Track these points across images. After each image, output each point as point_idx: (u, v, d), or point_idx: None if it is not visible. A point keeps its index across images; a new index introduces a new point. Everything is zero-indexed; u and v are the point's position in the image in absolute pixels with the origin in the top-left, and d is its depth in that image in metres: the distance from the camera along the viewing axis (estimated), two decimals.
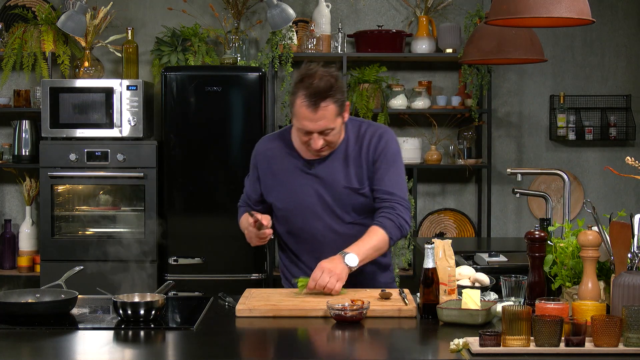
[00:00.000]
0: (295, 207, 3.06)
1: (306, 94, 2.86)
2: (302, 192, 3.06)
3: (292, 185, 3.07)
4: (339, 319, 2.61)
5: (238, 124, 5.20)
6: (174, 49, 5.57)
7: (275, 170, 3.11)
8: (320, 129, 2.91)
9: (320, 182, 3.05)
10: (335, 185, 3.03)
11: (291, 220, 3.11)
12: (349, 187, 3.03)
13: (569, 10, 2.88)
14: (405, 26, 5.94)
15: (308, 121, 2.89)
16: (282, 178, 3.09)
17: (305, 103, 2.87)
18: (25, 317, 2.63)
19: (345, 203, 3.04)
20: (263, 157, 3.16)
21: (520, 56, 4.21)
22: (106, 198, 5.44)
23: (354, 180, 3.03)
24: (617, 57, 6.01)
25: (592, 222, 2.68)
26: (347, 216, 3.05)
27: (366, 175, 3.04)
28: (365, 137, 3.06)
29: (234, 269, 5.16)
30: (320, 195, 3.04)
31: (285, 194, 3.08)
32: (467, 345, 2.28)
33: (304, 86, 2.87)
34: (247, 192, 3.24)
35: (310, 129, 2.91)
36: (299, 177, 3.07)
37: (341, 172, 3.04)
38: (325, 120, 2.89)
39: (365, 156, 3.04)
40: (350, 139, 3.07)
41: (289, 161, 3.09)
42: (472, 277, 2.94)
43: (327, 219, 3.05)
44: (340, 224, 3.05)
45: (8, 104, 5.67)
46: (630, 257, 2.48)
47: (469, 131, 5.89)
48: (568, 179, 3.83)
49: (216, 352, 2.41)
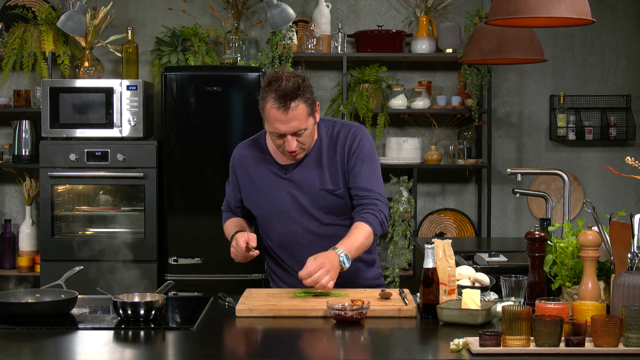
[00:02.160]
0: (273, 212, 3.07)
1: (275, 96, 2.85)
2: (279, 197, 3.06)
3: (268, 191, 3.08)
4: (339, 319, 2.61)
5: (238, 124, 5.20)
6: (174, 49, 5.57)
7: (252, 176, 3.12)
8: (293, 130, 2.90)
9: (296, 186, 3.05)
10: (311, 188, 3.03)
11: (270, 226, 3.12)
12: (324, 189, 3.03)
13: (569, 10, 2.88)
14: (405, 26, 5.94)
15: (280, 123, 2.88)
16: (258, 184, 3.11)
17: (276, 105, 2.85)
18: (25, 317, 2.63)
19: (322, 205, 3.04)
20: (239, 163, 3.18)
21: (520, 56, 4.21)
22: (106, 198, 5.43)
23: (330, 181, 3.03)
24: (617, 57, 6.01)
25: (592, 222, 2.68)
26: (325, 218, 3.05)
27: (341, 175, 3.04)
28: (339, 137, 3.06)
29: (234, 269, 5.14)
30: (297, 199, 3.04)
31: (262, 200, 3.10)
32: (467, 345, 2.28)
33: (272, 89, 2.86)
34: (227, 198, 3.26)
35: (283, 131, 2.90)
36: (274, 183, 3.07)
37: (316, 174, 3.04)
38: (297, 121, 2.88)
39: (340, 156, 3.04)
40: (324, 140, 3.07)
41: (264, 167, 3.10)
42: (472, 277, 2.94)
43: (305, 222, 3.05)
44: (318, 226, 3.05)
45: (8, 104, 5.67)
46: (630, 257, 2.48)
47: (469, 131, 5.89)
48: (568, 179, 3.83)
49: (216, 352, 2.41)
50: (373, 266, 3.21)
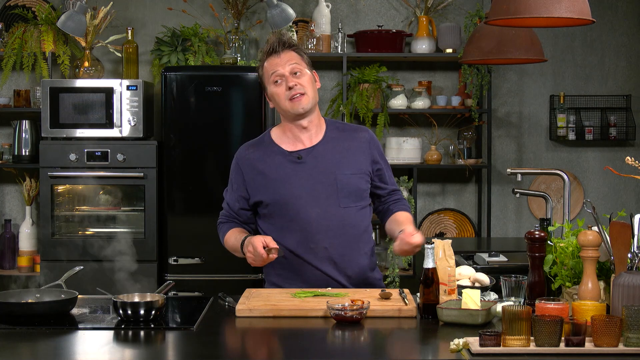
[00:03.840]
0: (287, 198, 3.07)
1: (268, 49, 3.12)
2: (293, 182, 3.08)
3: (282, 178, 3.09)
4: (339, 319, 2.61)
5: (238, 124, 5.20)
6: (174, 49, 5.57)
7: (261, 169, 3.13)
8: (290, 68, 3.08)
9: (312, 170, 3.08)
10: (327, 172, 3.08)
11: (282, 214, 3.09)
12: (341, 171, 3.08)
13: (569, 10, 2.88)
14: (405, 26, 5.94)
15: (277, 65, 3.09)
16: (270, 174, 3.11)
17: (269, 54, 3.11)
18: (25, 317, 2.63)
19: (340, 187, 3.07)
20: (246, 161, 3.18)
21: (520, 56, 4.21)
22: (106, 198, 5.43)
23: (347, 164, 3.10)
24: (617, 57, 6.01)
25: (592, 222, 2.68)
26: (343, 201, 3.08)
27: (362, 162, 3.13)
28: (359, 131, 3.20)
29: (234, 269, 5.15)
30: (313, 183, 3.07)
31: (275, 187, 3.09)
32: (467, 345, 2.28)
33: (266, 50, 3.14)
34: (228, 203, 3.24)
35: (280, 71, 3.07)
36: (288, 169, 3.10)
37: (332, 157, 3.10)
38: (291, 60, 3.09)
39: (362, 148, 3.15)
40: (335, 131, 3.18)
41: (275, 157, 3.13)
42: (472, 277, 2.94)
43: (321, 206, 3.06)
44: (335, 209, 3.07)
45: (8, 104, 5.67)
46: (630, 257, 2.48)
47: (469, 131, 5.89)
48: (568, 179, 3.83)
49: (216, 352, 2.41)
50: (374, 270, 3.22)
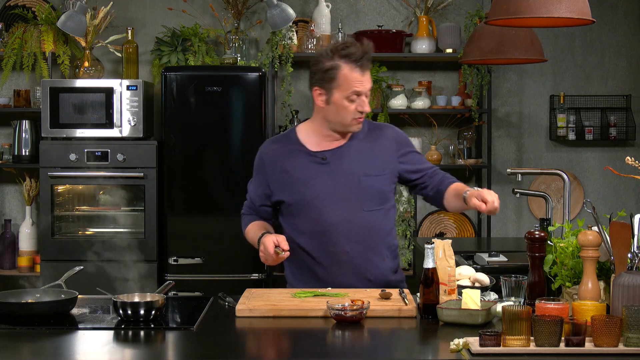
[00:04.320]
0: (309, 199, 3.06)
1: (353, 59, 3.00)
2: (317, 183, 3.06)
3: (304, 178, 3.08)
4: (339, 319, 2.61)
5: (238, 124, 5.20)
6: (174, 49, 5.57)
7: (285, 167, 3.11)
8: (368, 89, 3.05)
9: (336, 172, 3.07)
10: (351, 174, 3.06)
11: (304, 214, 3.08)
12: (366, 173, 3.07)
13: (569, 10, 2.88)
14: (405, 26, 5.94)
15: (358, 83, 3.01)
16: (293, 173, 3.09)
17: (354, 66, 3.00)
18: (25, 317, 2.63)
19: (364, 190, 3.06)
20: (270, 157, 3.17)
21: (520, 56, 4.21)
22: (106, 198, 5.43)
23: (372, 166, 3.08)
24: (617, 57, 6.01)
25: (592, 222, 2.68)
26: (366, 204, 3.06)
27: (386, 163, 3.11)
28: (383, 129, 3.19)
29: (234, 269, 5.16)
30: (336, 185, 3.06)
31: (298, 187, 3.08)
32: (467, 345, 2.28)
33: (348, 53, 3.00)
34: (250, 197, 3.23)
35: (360, 89, 3.01)
36: (312, 170, 3.08)
37: (357, 160, 3.08)
38: (369, 80, 3.05)
39: (387, 146, 3.13)
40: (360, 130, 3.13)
41: (298, 156, 3.11)
42: (472, 277, 2.94)
43: (344, 208, 3.05)
44: (358, 211, 3.05)
45: (8, 104, 5.67)
46: (630, 257, 2.48)
47: (469, 131, 5.89)
48: (568, 179, 3.83)
49: (216, 352, 2.41)
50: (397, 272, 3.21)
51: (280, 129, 5.68)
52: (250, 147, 5.16)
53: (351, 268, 3.06)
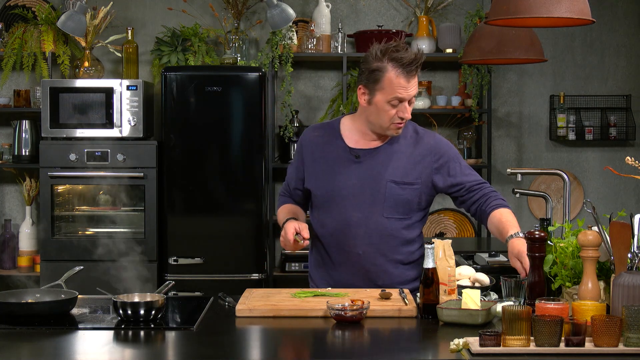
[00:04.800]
0: (333, 194, 3.05)
1: (401, 64, 2.95)
2: (343, 179, 3.05)
3: (333, 172, 3.07)
4: (339, 319, 2.61)
5: (238, 123, 5.20)
6: (174, 49, 5.57)
7: (319, 156, 3.11)
8: (412, 96, 2.99)
9: (365, 172, 3.04)
10: (379, 177, 3.03)
11: (327, 209, 3.08)
12: (393, 180, 3.02)
13: (569, 10, 2.88)
14: (405, 26, 5.94)
15: (402, 89, 2.95)
16: (324, 164, 3.09)
17: (401, 72, 2.95)
18: (25, 317, 2.63)
19: (386, 196, 3.02)
20: (308, 142, 3.17)
21: (520, 56, 4.21)
22: (106, 198, 5.43)
23: (402, 174, 3.03)
24: (617, 57, 6.01)
25: (592, 222, 2.68)
26: (386, 210, 3.03)
27: (420, 174, 3.05)
28: (425, 138, 3.11)
29: (234, 269, 5.16)
30: (362, 185, 3.03)
31: (325, 180, 3.08)
32: (467, 345, 2.28)
33: (397, 57, 2.96)
34: (287, 179, 3.26)
35: (403, 96, 2.96)
36: (342, 165, 3.06)
37: (388, 164, 3.04)
38: (415, 87, 2.99)
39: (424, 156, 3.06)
40: (401, 134, 3.08)
41: (333, 148, 3.10)
42: (472, 277, 2.94)
43: (364, 211, 3.03)
44: (377, 217, 3.02)
45: (8, 104, 5.67)
46: (630, 257, 2.48)
47: (469, 131, 5.89)
48: (568, 179, 3.83)
49: (216, 352, 2.41)
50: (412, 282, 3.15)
51: (280, 129, 5.68)
52: (250, 147, 5.17)
53: (362, 271, 3.05)
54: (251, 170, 5.19)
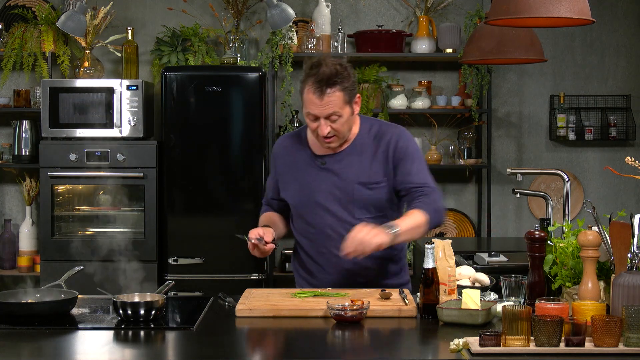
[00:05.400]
0: (306, 201, 3.08)
1: (314, 80, 2.92)
2: (313, 187, 3.08)
3: (303, 180, 3.10)
4: (339, 319, 2.61)
5: (238, 123, 5.20)
6: (174, 49, 5.57)
7: (289, 165, 3.15)
8: (326, 114, 2.94)
9: (333, 177, 3.06)
10: (347, 181, 3.05)
11: (302, 216, 3.13)
12: (360, 182, 3.04)
13: (569, 10, 2.88)
14: (405, 26, 5.94)
15: (314, 106, 2.94)
16: (294, 173, 3.13)
17: (312, 89, 2.92)
18: (25, 317, 2.63)
19: (356, 198, 3.04)
20: (279, 153, 3.21)
21: (520, 56, 4.21)
22: (106, 198, 5.43)
23: (367, 175, 3.04)
24: (617, 57, 6.01)
25: (592, 222, 2.68)
26: (358, 212, 3.05)
27: (384, 172, 3.05)
28: (385, 136, 3.08)
29: (234, 269, 5.16)
30: (331, 190, 3.06)
31: (297, 188, 3.12)
32: (467, 345, 2.28)
33: (312, 74, 2.94)
34: (266, 189, 3.31)
35: (316, 113, 2.94)
36: (311, 172, 3.10)
37: (354, 167, 3.06)
38: (331, 106, 2.93)
39: (384, 155, 3.06)
40: (365, 135, 3.09)
41: (301, 157, 3.13)
42: (472, 277, 2.94)
43: (336, 215, 3.05)
44: (349, 219, 3.04)
45: (8, 104, 5.67)
46: (630, 257, 2.48)
47: (469, 131, 5.89)
48: (568, 179, 3.83)
49: (216, 352, 2.41)
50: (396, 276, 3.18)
51: (280, 129, 5.68)
52: (250, 147, 5.17)
53: (342, 271, 3.07)
54: (251, 170, 5.19)
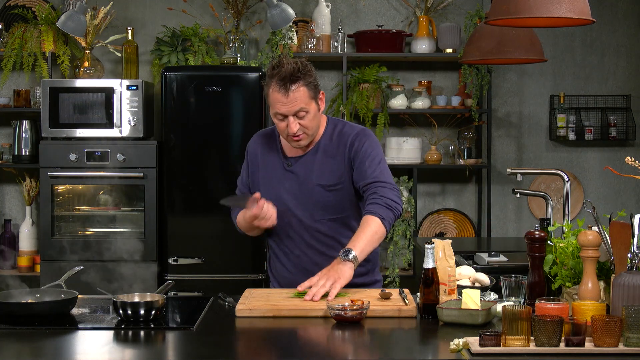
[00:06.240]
0: (274, 202, 3.09)
1: (277, 79, 2.94)
2: (279, 187, 3.12)
3: (271, 180, 3.14)
4: (339, 319, 2.61)
5: (238, 124, 5.20)
6: (174, 49, 5.57)
7: (260, 165, 3.19)
8: (294, 111, 2.95)
9: (296, 178, 3.10)
10: (308, 183, 3.09)
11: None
12: (319, 184, 3.07)
13: (569, 10, 2.89)
14: (405, 26, 5.94)
15: (281, 104, 2.95)
16: (264, 173, 3.17)
17: (277, 88, 2.94)
18: (25, 317, 2.63)
19: (315, 200, 3.07)
20: (252, 150, 3.24)
21: (520, 56, 4.21)
22: (106, 198, 5.43)
23: (327, 177, 3.07)
24: (617, 57, 6.01)
25: (592, 222, 2.68)
26: (317, 213, 3.08)
27: (343, 173, 3.06)
28: (343, 136, 3.09)
29: (234, 269, 5.16)
30: (294, 192, 3.10)
31: (264, 188, 3.14)
32: (467, 345, 2.28)
33: (275, 74, 2.96)
34: (239, 184, 3.30)
35: (283, 111, 2.96)
36: (278, 173, 3.13)
37: (314, 169, 3.09)
38: (298, 102, 2.95)
39: (343, 155, 3.07)
40: (328, 136, 3.11)
41: (271, 157, 3.16)
42: (472, 277, 2.94)
43: (298, 215, 3.09)
44: (310, 220, 3.08)
45: (8, 104, 5.67)
46: (630, 257, 2.48)
47: (469, 131, 5.89)
48: (568, 179, 3.83)
49: (216, 352, 2.41)
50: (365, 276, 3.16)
51: None
52: None
53: (304, 271, 3.08)
54: None
